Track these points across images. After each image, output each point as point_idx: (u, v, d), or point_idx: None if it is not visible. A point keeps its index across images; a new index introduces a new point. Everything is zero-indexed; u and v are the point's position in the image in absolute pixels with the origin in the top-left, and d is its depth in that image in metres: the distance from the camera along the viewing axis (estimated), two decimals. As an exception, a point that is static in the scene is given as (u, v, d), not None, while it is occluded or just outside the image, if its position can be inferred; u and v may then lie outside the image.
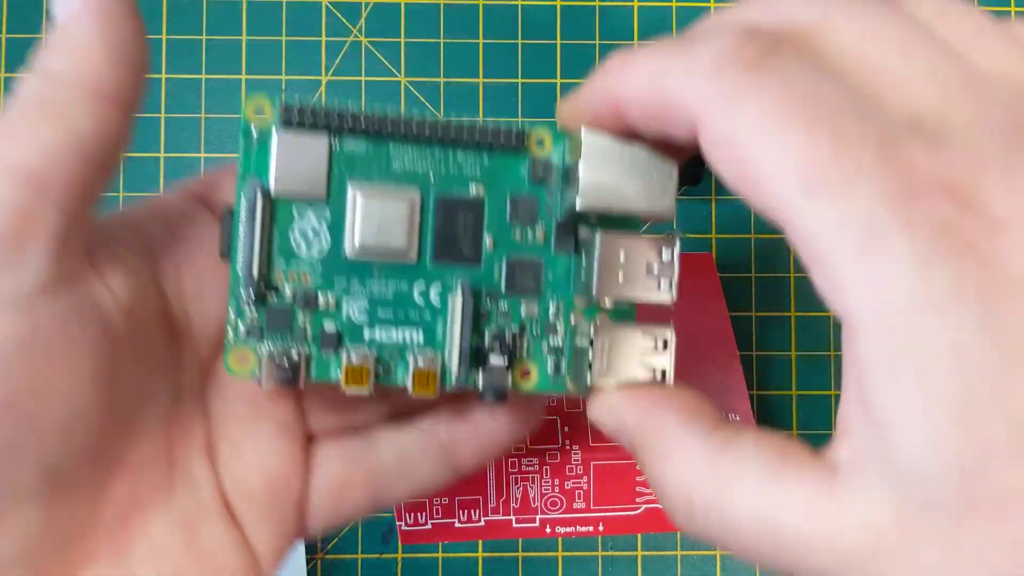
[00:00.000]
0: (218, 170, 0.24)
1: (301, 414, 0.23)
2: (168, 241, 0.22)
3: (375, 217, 0.21)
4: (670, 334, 0.21)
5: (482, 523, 0.32)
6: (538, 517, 0.33)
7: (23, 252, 0.17)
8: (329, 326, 0.21)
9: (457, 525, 0.35)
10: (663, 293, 0.21)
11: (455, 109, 0.38)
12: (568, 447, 0.36)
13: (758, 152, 0.15)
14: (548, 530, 0.33)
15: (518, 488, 0.35)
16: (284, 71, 0.38)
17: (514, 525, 0.33)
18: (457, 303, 0.22)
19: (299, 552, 0.36)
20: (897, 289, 0.14)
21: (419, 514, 0.35)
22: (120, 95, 0.19)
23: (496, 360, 0.22)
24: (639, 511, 0.32)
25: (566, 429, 0.36)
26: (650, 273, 0.21)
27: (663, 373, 0.21)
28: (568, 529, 0.32)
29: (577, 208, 0.20)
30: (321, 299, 0.21)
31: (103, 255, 0.20)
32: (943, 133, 0.15)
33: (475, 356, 0.22)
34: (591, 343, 0.21)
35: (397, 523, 0.36)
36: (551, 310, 0.22)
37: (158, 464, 0.21)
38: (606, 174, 0.20)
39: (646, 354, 0.21)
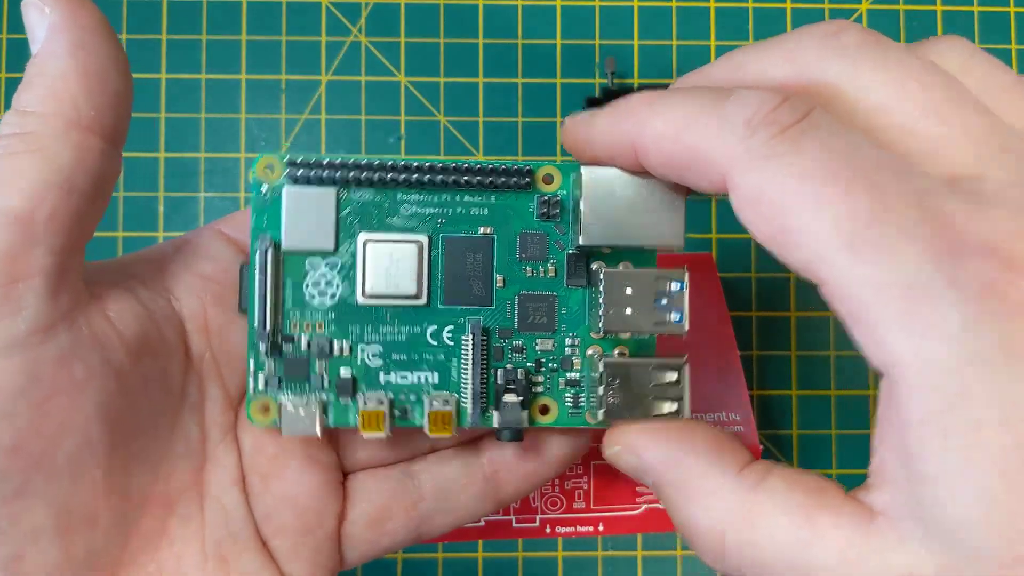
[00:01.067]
0: (247, 210, 0.23)
1: (334, 448, 0.23)
2: (190, 278, 0.22)
3: (384, 263, 0.21)
4: (684, 366, 0.21)
5: (482, 523, 0.32)
6: (538, 517, 0.33)
7: (16, 295, 0.17)
8: (345, 372, 0.22)
9: (457, 525, 0.35)
10: (673, 325, 0.20)
11: (454, 109, 0.38)
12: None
13: (796, 210, 0.15)
14: (548, 530, 0.33)
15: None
16: (284, 71, 0.38)
17: (514, 525, 0.32)
18: (468, 344, 0.22)
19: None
20: (945, 346, 0.14)
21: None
22: (101, 125, 0.18)
23: (510, 398, 0.22)
24: (639, 511, 0.32)
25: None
26: (659, 305, 0.20)
27: (678, 406, 0.21)
28: (568, 529, 0.32)
29: (580, 243, 0.20)
30: (336, 346, 0.22)
31: (110, 290, 0.20)
32: (982, 193, 0.15)
33: (490, 395, 0.22)
34: (602, 377, 0.21)
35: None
36: (567, 344, 0.22)
37: (188, 497, 0.21)
38: (609, 210, 0.20)
39: (660, 387, 0.21)
